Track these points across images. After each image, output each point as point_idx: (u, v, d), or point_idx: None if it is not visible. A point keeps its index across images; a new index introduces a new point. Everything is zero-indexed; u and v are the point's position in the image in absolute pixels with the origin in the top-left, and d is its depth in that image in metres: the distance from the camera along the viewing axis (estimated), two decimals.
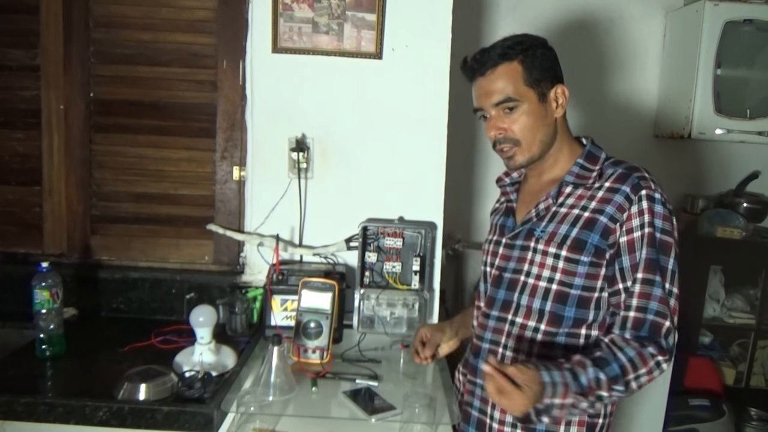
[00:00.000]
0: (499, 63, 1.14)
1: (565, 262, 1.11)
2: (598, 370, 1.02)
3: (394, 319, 1.62)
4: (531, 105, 1.14)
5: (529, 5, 2.40)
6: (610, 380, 1.02)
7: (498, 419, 1.18)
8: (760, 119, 2.27)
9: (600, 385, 1.01)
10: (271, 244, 1.67)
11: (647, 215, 1.08)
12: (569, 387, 0.99)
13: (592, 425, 1.14)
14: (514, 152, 1.17)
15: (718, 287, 2.47)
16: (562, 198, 1.16)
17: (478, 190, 2.48)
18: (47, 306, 1.39)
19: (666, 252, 1.09)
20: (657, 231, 1.08)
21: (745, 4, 2.23)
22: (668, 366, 1.09)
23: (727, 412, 2.22)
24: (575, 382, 1.00)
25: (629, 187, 1.10)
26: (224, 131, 1.74)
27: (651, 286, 1.08)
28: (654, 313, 1.07)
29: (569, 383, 0.99)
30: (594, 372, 1.01)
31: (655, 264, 1.08)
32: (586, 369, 1.02)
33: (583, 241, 1.10)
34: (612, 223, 1.09)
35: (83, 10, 1.69)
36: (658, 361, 1.05)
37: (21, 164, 1.76)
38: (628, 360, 1.04)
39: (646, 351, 1.04)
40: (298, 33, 1.66)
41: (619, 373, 1.02)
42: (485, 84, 1.16)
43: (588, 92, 2.46)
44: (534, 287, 1.15)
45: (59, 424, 1.19)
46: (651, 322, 1.07)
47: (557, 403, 0.99)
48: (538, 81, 1.14)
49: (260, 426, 1.14)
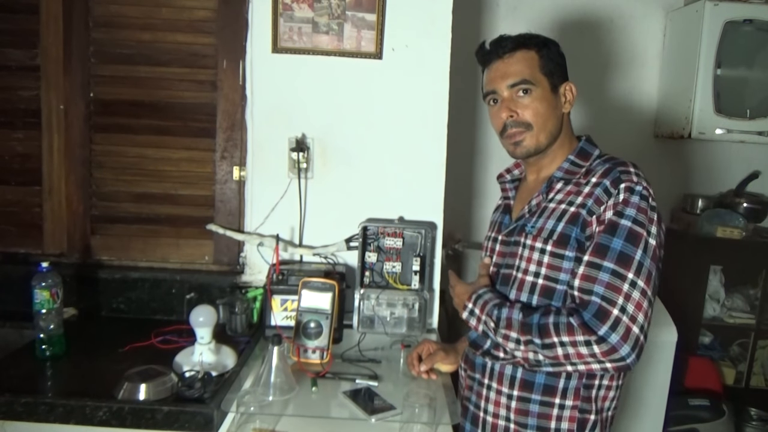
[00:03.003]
0: (517, 49, 1.17)
1: (550, 257, 1.12)
2: (521, 313, 1.10)
3: (394, 319, 1.62)
4: (545, 92, 1.16)
5: (529, 5, 2.40)
6: (525, 326, 1.08)
7: (491, 412, 1.19)
8: (760, 119, 2.27)
9: (515, 327, 1.09)
10: (271, 244, 1.67)
11: (621, 205, 1.06)
12: (486, 305, 1.16)
13: (583, 421, 1.14)
14: (524, 137, 1.17)
15: (718, 287, 2.47)
16: (552, 194, 1.17)
17: (478, 190, 2.48)
18: (47, 306, 1.39)
19: (633, 241, 1.04)
20: (625, 219, 1.05)
21: (745, 4, 2.23)
22: (602, 352, 1.00)
23: (727, 412, 2.22)
24: (495, 309, 1.14)
25: (610, 180, 1.09)
26: (224, 131, 1.74)
27: (597, 270, 1.04)
28: (600, 296, 1.02)
29: (489, 303, 1.16)
30: (517, 314, 1.10)
31: (605, 248, 1.04)
32: (513, 308, 1.12)
33: (567, 236, 1.10)
34: (589, 216, 1.09)
35: (83, 10, 1.69)
36: (587, 339, 1.00)
37: (21, 164, 1.76)
38: (554, 323, 1.04)
39: (570, 320, 1.02)
40: (298, 33, 1.66)
41: (535, 324, 1.06)
42: (502, 66, 1.18)
43: (588, 92, 2.46)
44: (522, 281, 1.16)
45: (59, 424, 1.19)
46: (598, 306, 1.01)
47: (476, 313, 1.18)
48: (551, 72, 1.17)
49: (260, 426, 1.14)
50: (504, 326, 1.11)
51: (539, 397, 1.14)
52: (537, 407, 1.14)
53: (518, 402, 1.15)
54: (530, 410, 1.14)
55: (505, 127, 1.18)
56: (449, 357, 1.41)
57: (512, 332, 1.10)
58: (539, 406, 1.14)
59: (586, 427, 1.15)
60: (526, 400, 1.15)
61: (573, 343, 1.02)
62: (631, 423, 1.99)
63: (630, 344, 1.00)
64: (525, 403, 1.15)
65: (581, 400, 1.13)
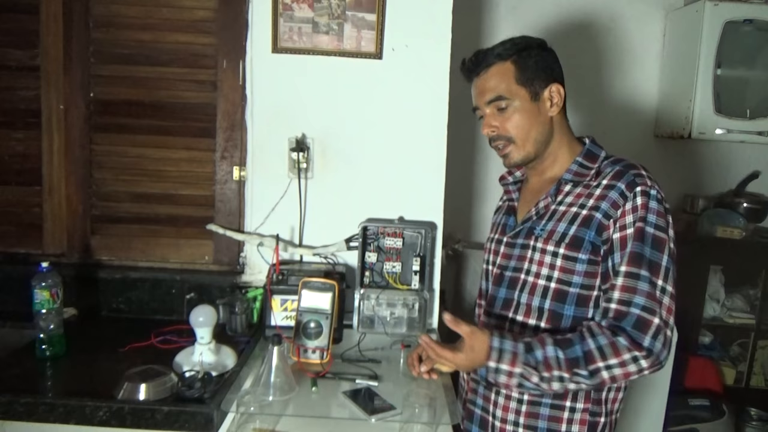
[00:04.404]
0: (492, 63, 1.17)
1: (563, 260, 1.12)
2: (558, 349, 1.05)
3: (394, 319, 1.62)
4: (523, 103, 1.16)
5: (529, 5, 2.40)
6: (570, 361, 1.03)
7: (500, 417, 1.19)
8: (760, 119, 2.27)
9: (559, 365, 1.04)
10: (271, 244, 1.67)
11: (641, 211, 1.07)
12: (518, 356, 1.05)
13: (593, 424, 1.14)
14: (510, 150, 1.19)
15: (718, 287, 2.47)
16: (561, 196, 1.17)
17: (478, 190, 2.48)
18: (47, 306, 1.39)
19: (659, 248, 1.07)
20: (649, 226, 1.07)
21: (745, 4, 2.23)
22: (649, 364, 1.03)
23: (727, 412, 2.22)
24: (527, 354, 1.05)
25: (625, 183, 1.10)
26: (224, 131, 1.74)
27: (636, 280, 1.05)
28: (640, 308, 1.04)
29: (519, 353, 1.05)
30: (553, 350, 1.05)
31: (640, 257, 1.06)
32: (545, 346, 1.05)
33: (581, 239, 1.10)
34: (606, 219, 1.09)
35: (83, 10, 1.69)
36: (635, 356, 1.02)
37: (21, 164, 1.76)
38: (597, 347, 1.03)
39: (618, 341, 1.03)
40: (298, 33, 1.66)
41: (580, 356, 1.03)
42: (480, 83, 1.20)
43: (588, 92, 2.46)
44: (533, 285, 1.16)
45: (59, 424, 1.19)
46: (637, 317, 1.03)
47: (504, 369, 1.06)
48: (531, 80, 1.16)
49: (260, 426, 1.14)
50: (544, 369, 1.05)
51: (549, 401, 1.14)
52: (548, 410, 1.14)
53: (529, 406, 1.15)
54: (540, 413, 1.14)
55: (491, 140, 1.21)
56: None
57: (555, 372, 1.04)
58: (550, 409, 1.14)
59: (597, 429, 1.15)
60: (536, 404, 1.15)
61: (621, 363, 1.03)
62: (632, 423, 1.99)
63: (667, 348, 1.05)
64: (536, 407, 1.15)
65: (592, 403, 1.13)
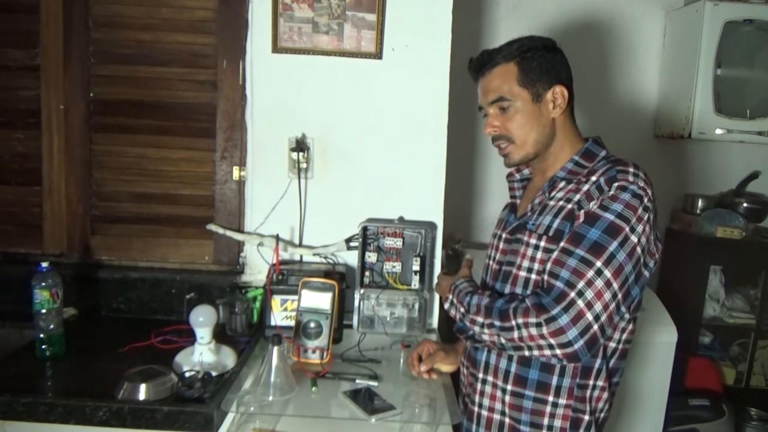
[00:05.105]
0: (497, 64, 1.18)
1: (542, 252, 1.13)
2: (488, 299, 1.15)
3: (394, 319, 1.62)
4: (524, 105, 1.17)
5: (530, 5, 2.40)
6: (487, 309, 1.12)
7: (487, 406, 1.21)
8: (760, 119, 2.27)
9: (479, 310, 1.14)
10: (271, 244, 1.67)
11: (607, 201, 1.06)
12: (461, 293, 1.22)
13: (576, 420, 1.15)
14: (510, 150, 1.21)
15: (718, 287, 2.47)
16: (554, 192, 1.18)
17: (478, 190, 2.48)
18: (47, 306, 1.39)
19: (611, 234, 1.03)
20: (608, 212, 1.05)
21: (745, 4, 2.23)
22: (550, 332, 1.00)
23: (727, 412, 2.21)
24: (468, 296, 1.19)
25: (605, 178, 1.09)
26: (224, 131, 1.74)
27: (568, 256, 1.04)
28: (564, 282, 1.02)
29: (463, 291, 1.22)
30: (485, 300, 1.15)
31: (580, 237, 1.05)
32: (483, 295, 1.17)
33: (561, 231, 1.11)
34: (578, 210, 1.09)
35: (83, 10, 1.69)
36: (539, 321, 1.01)
37: (21, 164, 1.76)
38: (514, 308, 1.07)
39: (531, 305, 1.04)
40: (298, 33, 1.66)
41: (497, 308, 1.10)
42: (484, 83, 1.21)
43: (588, 92, 2.45)
44: (515, 276, 1.17)
45: (59, 424, 1.19)
46: (560, 290, 1.02)
47: (454, 302, 1.24)
48: (533, 82, 1.16)
49: (260, 426, 1.14)
50: (473, 312, 1.16)
51: (533, 394, 1.15)
52: (530, 403, 1.15)
53: (512, 397, 1.16)
54: (524, 406, 1.15)
55: (493, 140, 1.24)
56: (449, 357, 1.41)
57: (478, 317, 1.14)
58: (532, 402, 1.15)
59: (580, 426, 1.15)
60: (519, 396, 1.16)
61: (526, 324, 1.04)
62: (632, 423, 1.99)
63: (579, 329, 1.00)
64: (519, 399, 1.16)
65: (575, 400, 1.14)
